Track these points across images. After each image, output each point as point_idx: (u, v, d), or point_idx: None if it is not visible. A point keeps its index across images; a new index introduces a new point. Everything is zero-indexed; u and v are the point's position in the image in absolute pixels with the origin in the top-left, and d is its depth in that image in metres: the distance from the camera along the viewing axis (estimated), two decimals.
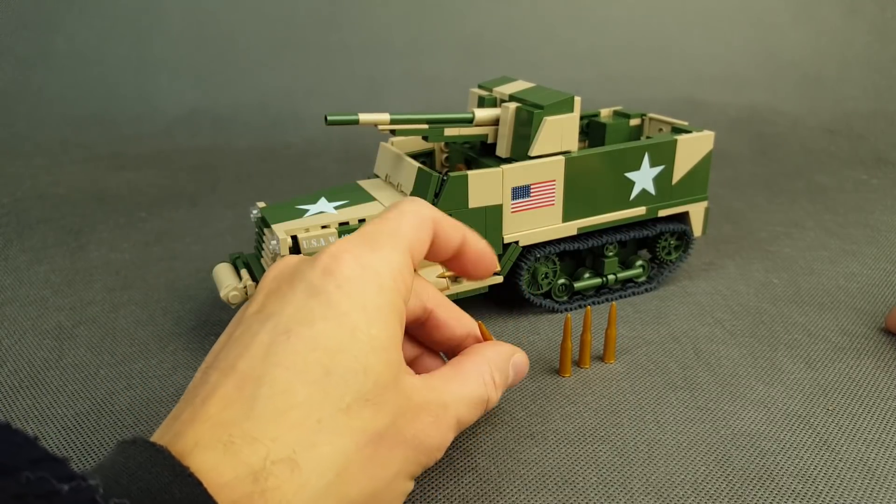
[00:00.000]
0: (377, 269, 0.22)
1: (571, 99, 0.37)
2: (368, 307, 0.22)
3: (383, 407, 0.21)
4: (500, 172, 0.36)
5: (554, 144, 0.37)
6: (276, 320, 0.21)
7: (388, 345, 0.21)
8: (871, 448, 0.28)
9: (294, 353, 0.20)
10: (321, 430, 0.19)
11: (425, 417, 0.22)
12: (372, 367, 0.21)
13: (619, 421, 0.30)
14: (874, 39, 0.91)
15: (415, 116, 0.37)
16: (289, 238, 0.34)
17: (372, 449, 0.20)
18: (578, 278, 0.41)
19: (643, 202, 0.40)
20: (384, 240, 0.23)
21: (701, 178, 0.41)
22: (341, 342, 0.21)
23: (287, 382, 0.20)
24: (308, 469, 0.19)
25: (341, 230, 0.34)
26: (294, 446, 0.19)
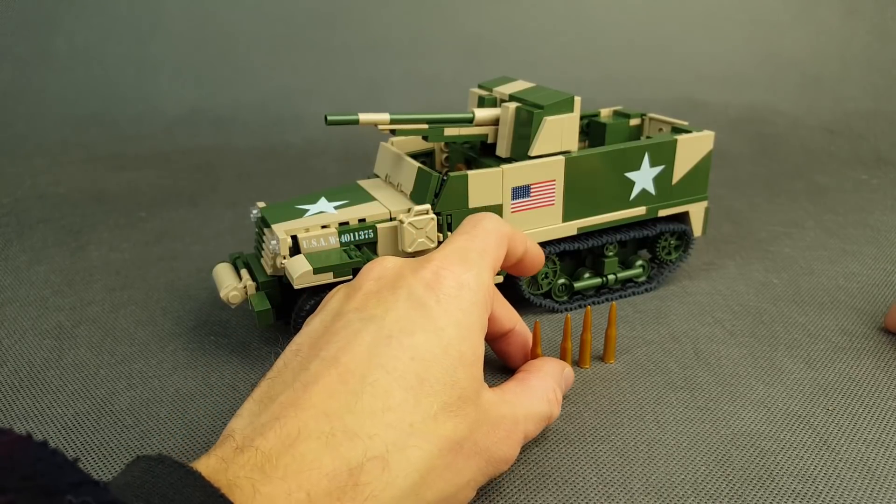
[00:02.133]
0: (472, 288, 0.24)
1: (571, 99, 0.37)
2: (462, 324, 0.23)
3: (465, 419, 0.22)
4: (500, 172, 0.36)
5: (554, 144, 0.37)
6: (380, 324, 0.23)
7: (473, 360, 0.23)
8: (871, 448, 0.28)
9: (394, 358, 0.22)
10: (412, 433, 0.21)
11: (499, 431, 0.24)
12: (459, 380, 0.22)
13: (619, 421, 0.30)
14: (874, 39, 0.91)
15: (415, 116, 0.37)
16: (289, 238, 0.34)
17: (452, 457, 0.22)
18: (578, 278, 0.41)
19: (643, 202, 0.40)
20: (476, 258, 0.26)
21: (701, 178, 0.41)
22: (436, 355, 0.22)
23: (387, 385, 0.21)
24: (397, 469, 0.20)
25: (341, 230, 0.34)
26: (388, 446, 0.20)
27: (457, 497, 0.22)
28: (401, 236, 0.34)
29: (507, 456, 0.24)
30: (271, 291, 0.35)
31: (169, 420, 0.31)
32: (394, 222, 0.35)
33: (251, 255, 0.39)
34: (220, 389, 0.33)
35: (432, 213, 0.35)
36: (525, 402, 0.26)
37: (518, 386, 0.27)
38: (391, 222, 0.35)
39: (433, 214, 0.34)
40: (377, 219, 0.35)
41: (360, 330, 0.22)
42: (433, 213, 0.35)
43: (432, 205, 0.35)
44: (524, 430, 0.25)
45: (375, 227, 0.35)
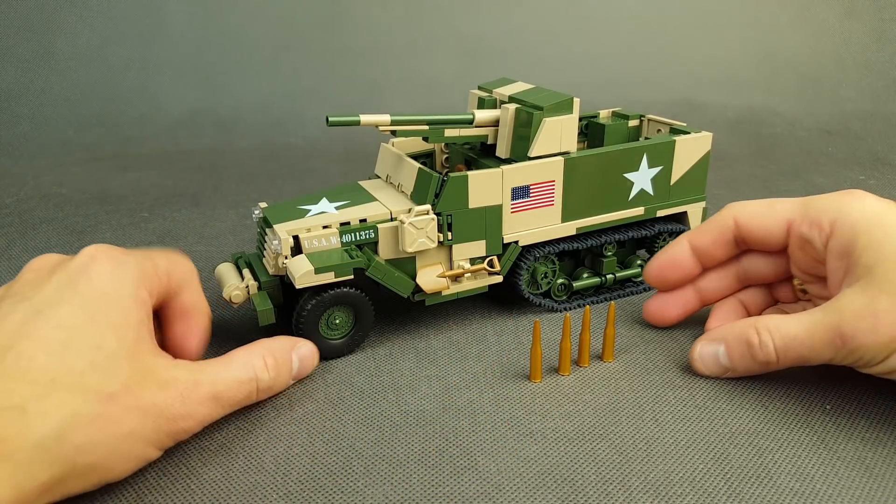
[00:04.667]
0: (124, 266, 0.27)
1: (571, 100, 0.37)
2: (111, 297, 0.26)
3: (116, 375, 0.25)
4: (500, 173, 0.36)
5: (553, 145, 0.37)
6: (31, 303, 0.25)
7: (123, 324, 0.26)
8: (868, 447, 0.29)
9: (39, 328, 0.24)
10: (53, 386, 0.23)
11: (172, 391, 0.26)
12: (106, 343, 0.25)
13: (617, 419, 0.31)
14: (872, 41, 0.91)
15: (415, 117, 0.37)
16: (290, 238, 0.34)
17: (101, 406, 0.24)
18: (577, 278, 0.41)
19: (642, 202, 0.40)
20: (127, 253, 0.28)
21: (699, 179, 0.41)
22: (82, 321, 0.25)
23: (31, 350, 0.23)
24: (34, 413, 0.22)
25: (342, 230, 0.35)
26: (26, 397, 0.23)
27: (122, 446, 0.25)
28: (401, 236, 0.34)
29: (183, 412, 0.26)
30: (273, 291, 0.36)
31: None
32: (394, 222, 0.35)
33: (253, 254, 0.39)
34: None
35: (433, 213, 0.35)
36: (216, 368, 0.28)
37: (222, 357, 0.29)
38: (392, 222, 0.35)
39: (433, 215, 0.35)
40: (378, 219, 0.35)
41: (11, 311, 0.25)
42: (433, 213, 0.35)
43: (433, 205, 0.35)
44: (210, 390, 0.27)
45: (376, 227, 0.35)
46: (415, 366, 0.35)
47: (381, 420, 0.31)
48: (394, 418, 0.31)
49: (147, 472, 0.28)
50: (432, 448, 0.29)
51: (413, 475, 0.27)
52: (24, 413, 0.22)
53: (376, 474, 0.27)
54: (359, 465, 0.28)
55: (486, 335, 0.38)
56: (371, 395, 0.33)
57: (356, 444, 0.29)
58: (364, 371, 0.35)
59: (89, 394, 0.24)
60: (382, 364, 0.35)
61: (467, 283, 0.37)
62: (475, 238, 0.36)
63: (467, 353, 0.36)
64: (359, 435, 0.30)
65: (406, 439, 0.30)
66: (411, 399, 0.32)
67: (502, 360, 0.35)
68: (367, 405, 0.32)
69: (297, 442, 0.30)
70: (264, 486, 0.27)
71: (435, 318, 0.40)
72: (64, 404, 0.23)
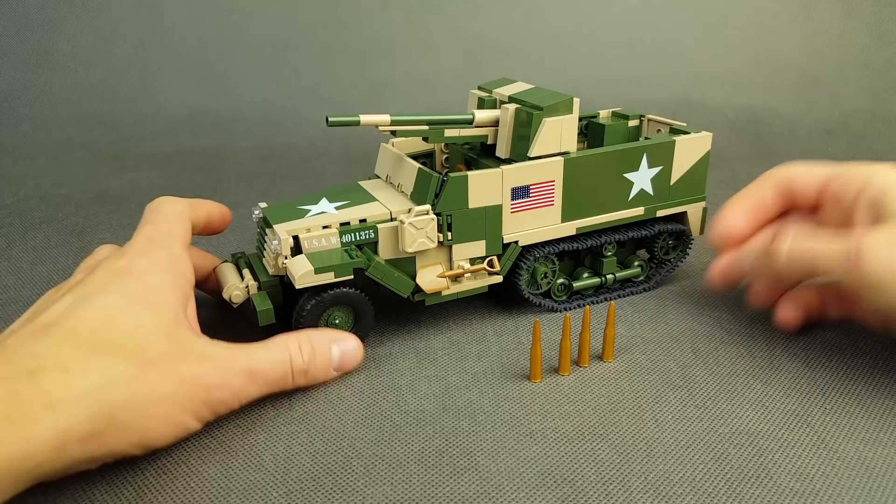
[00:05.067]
0: (162, 263, 0.30)
1: (570, 100, 0.37)
2: (151, 285, 0.29)
3: (154, 345, 0.27)
4: (499, 173, 0.36)
5: (553, 145, 0.37)
6: (80, 290, 0.28)
7: (162, 307, 0.29)
8: (868, 447, 0.29)
9: (84, 310, 0.27)
10: (94, 352, 0.26)
11: (206, 362, 0.28)
12: (145, 322, 0.28)
13: (617, 419, 0.31)
14: (872, 41, 0.91)
15: (415, 117, 0.37)
16: (290, 238, 0.34)
17: (139, 370, 0.26)
18: (577, 278, 0.41)
19: (641, 202, 0.40)
20: (164, 239, 0.32)
21: (699, 179, 0.41)
22: (123, 305, 0.28)
23: (73, 327, 0.26)
24: (76, 371, 0.25)
25: (342, 230, 0.35)
26: (69, 359, 0.25)
27: (156, 408, 0.26)
28: (401, 236, 0.35)
29: (218, 382, 0.28)
30: (273, 291, 0.36)
31: None
32: (394, 222, 0.35)
33: (253, 254, 0.39)
34: None
35: (432, 213, 0.35)
36: (253, 349, 0.30)
37: (258, 342, 0.31)
38: (392, 222, 0.35)
39: (433, 215, 0.35)
40: (378, 219, 0.35)
41: (63, 296, 0.28)
42: (433, 213, 0.35)
43: (432, 205, 0.35)
44: (245, 365, 0.29)
45: (376, 227, 0.35)
46: (415, 366, 0.35)
47: (381, 420, 0.31)
48: (394, 418, 0.31)
49: (147, 471, 0.28)
50: (432, 448, 0.29)
51: (413, 475, 0.27)
52: (67, 371, 0.25)
53: (376, 474, 0.27)
54: (359, 464, 0.28)
55: (486, 335, 0.38)
56: (371, 395, 0.33)
57: (356, 443, 0.29)
58: (364, 371, 0.35)
59: (128, 358, 0.26)
60: (382, 364, 0.35)
61: (467, 283, 0.37)
62: (475, 238, 0.36)
63: (467, 353, 0.36)
64: (359, 435, 0.30)
65: (406, 439, 0.30)
66: (411, 399, 0.32)
67: (502, 360, 0.35)
68: (367, 405, 0.32)
69: (297, 441, 0.30)
70: (264, 485, 0.27)
71: (435, 318, 0.40)
72: (104, 365, 0.25)
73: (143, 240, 0.32)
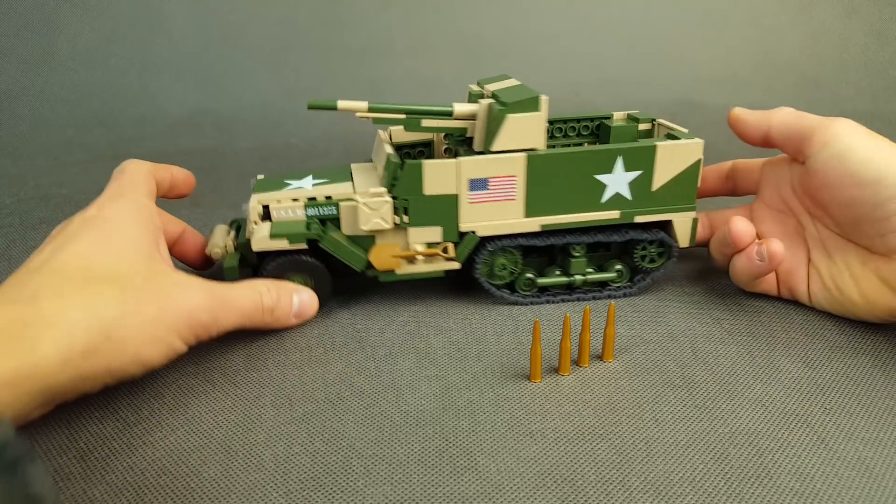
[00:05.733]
0: (128, 206, 0.34)
1: (536, 98, 0.37)
2: (122, 225, 0.32)
3: (136, 275, 0.30)
4: (455, 164, 0.37)
5: (516, 141, 0.37)
6: (55, 243, 0.31)
7: (136, 241, 0.32)
8: (868, 447, 0.29)
9: (65, 254, 0.30)
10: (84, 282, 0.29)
11: (187, 288, 0.32)
12: (124, 254, 0.31)
13: (617, 419, 0.31)
14: (872, 41, 0.91)
15: (394, 106, 0.38)
16: (259, 206, 0.38)
17: (126, 294, 0.29)
18: (546, 275, 0.41)
19: (617, 206, 0.39)
20: (129, 190, 0.35)
21: (687, 188, 0.40)
22: (101, 244, 0.31)
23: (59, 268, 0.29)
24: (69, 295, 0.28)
25: (308, 204, 0.38)
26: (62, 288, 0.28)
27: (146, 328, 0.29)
28: (357, 215, 0.37)
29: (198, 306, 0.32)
30: (247, 252, 0.39)
31: (170, 416, 0.31)
32: (353, 202, 0.37)
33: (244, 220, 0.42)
34: (222, 386, 0.34)
35: (389, 196, 0.37)
36: (228, 285, 0.34)
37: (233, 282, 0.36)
38: (352, 202, 0.38)
39: (389, 198, 0.37)
40: (342, 197, 0.38)
41: (40, 252, 0.31)
42: (391, 196, 0.37)
43: (390, 189, 0.37)
44: (221, 294, 0.33)
45: (338, 204, 0.38)
46: (415, 366, 0.35)
47: (381, 420, 0.31)
48: (394, 418, 0.31)
49: (147, 470, 0.28)
50: (432, 448, 0.29)
51: (413, 475, 0.27)
52: (62, 296, 0.28)
53: (376, 474, 0.27)
54: (359, 464, 0.28)
55: (486, 335, 0.38)
56: (371, 395, 0.33)
57: (356, 443, 0.29)
58: (364, 371, 0.35)
59: (116, 285, 0.29)
60: (382, 364, 0.35)
61: (422, 266, 0.39)
62: (431, 224, 0.38)
63: (467, 353, 0.36)
64: (359, 435, 0.30)
65: (406, 439, 0.30)
66: (411, 399, 0.32)
67: (502, 360, 0.35)
68: (367, 405, 0.32)
69: (296, 441, 0.30)
70: (264, 485, 0.27)
71: (435, 319, 0.40)
72: (95, 291, 0.29)
73: (110, 192, 0.35)
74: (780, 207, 0.42)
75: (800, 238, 0.41)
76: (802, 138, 0.38)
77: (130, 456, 0.29)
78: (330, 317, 0.40)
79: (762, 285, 0.41)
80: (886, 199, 0.34)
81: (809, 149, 0.38)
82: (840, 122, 0.37)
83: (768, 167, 0.43)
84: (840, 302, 0.38)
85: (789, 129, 0.39)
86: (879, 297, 0.36)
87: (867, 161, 0.35)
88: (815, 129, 0.38)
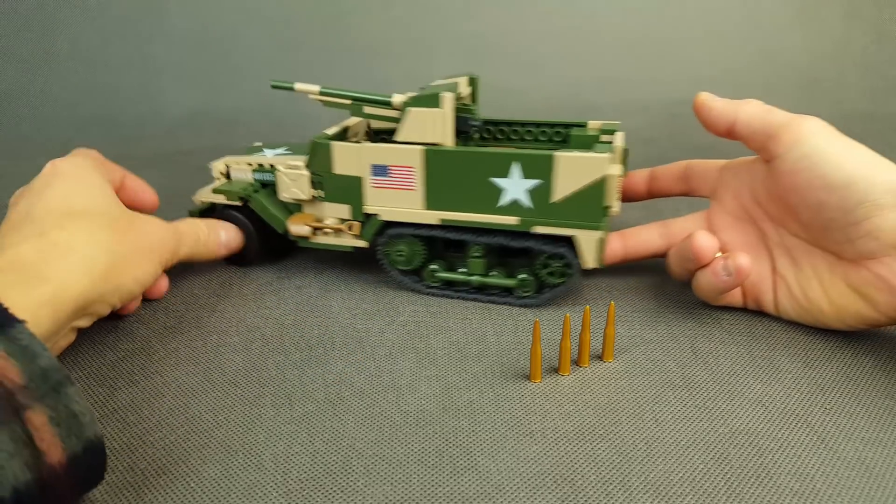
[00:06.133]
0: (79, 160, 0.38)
1: (437, 96, 0.38)
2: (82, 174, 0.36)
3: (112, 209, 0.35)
4: (357, 148, 0.39)
5: (419, 135, 0.39)
6: (27, 199, 0.34)
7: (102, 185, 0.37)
8: (868, 447, 0.29)
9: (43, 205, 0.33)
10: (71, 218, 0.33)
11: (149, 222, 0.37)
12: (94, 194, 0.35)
13: (617, 419, 0.31)
14: (872, 42, 0.91)
15: (341, 92, 0.41)
16: (224, 166, 0.45)
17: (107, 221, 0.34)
18: (453, 270, 0.42)
19: (516, 213, 0.38)
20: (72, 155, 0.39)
21: (592, 204, 0.37)
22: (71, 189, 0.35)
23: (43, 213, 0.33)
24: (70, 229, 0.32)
25: (255, 170, 0.45)
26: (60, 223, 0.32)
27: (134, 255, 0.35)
28: (278, 183, 0.42)
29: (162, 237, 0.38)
30: None
31: (171, 416, 0.31)
32: None
33: None
34: (222, 386, 0.34)
35: (306, 170, 0.41)
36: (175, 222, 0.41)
37: None
38: None
39: (306, 171, 0.41)
40: (279, 167, 0.42)
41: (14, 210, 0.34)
42: (308, 170, 0.41)
43: (308, 164, 0.41)
44: (173, 227, 0.40)
45: (275, 172, 0.43)
46: (415, 366, 0.35)
47: (381, 420, 0.31)
48: (394, 418, 0.31)
49: (147, 470, 0.28)
50: (432, 448, 0.29)
51: (413, 475, 0.27)
52: (64, 228, 0.32)
53: (376, 474, 0.27)
54: (359, 464, 0.28)
55: (486, 335, 0.38)
56: (371, 395, 0.33)
57: (356, 443, 0.29)
58: (364, 371, 0.35)
59: (99, 219, 0.34)
60: (382, 364, 0.35)
61: (331, 238, 0.43)
62: (341, 201, 0.41)
63: (467, 353, 0.36)
64: (359, 435, 0.30)
65: (406, 439, 0.30)
66: (411, 399, 0.32)
67: (502, 360, 0.35)
68: (367, 405, 0.32)
69: (297, 441, 0.30)
70: (264, 485, 0.27)
71: (435, 319, 0.40)
72: (90, 223, 0.33)
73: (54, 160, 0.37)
74: (740, 214, 0.40)
75: (763, 246, 0.39)
76: (770, 135, 0.37)
77: (130, 456, 0.29)
78: (330, 317, 0.40)
79: (727, 298, 0.39)
80: (856, 204, 0.33)
81: (777, 147, 0.36)
82: (809, 121, 0.36)
83: (727, 171, 0.41)
84: (808, 311, 0.36)
85: (757, 124, 0.37)
86: (849, 305, 0.35)
87: (837, 163, 0.34)
88: (783, 127, 0.36)
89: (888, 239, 0.33)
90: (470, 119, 0.44)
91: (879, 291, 0.33)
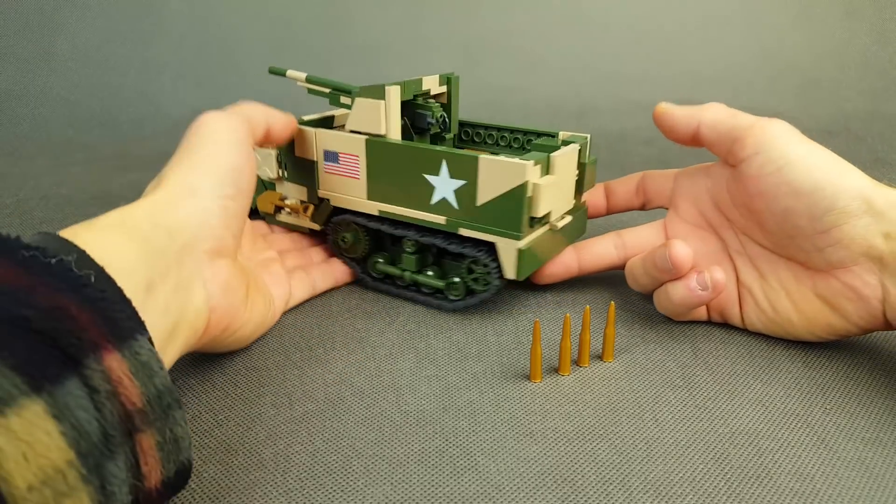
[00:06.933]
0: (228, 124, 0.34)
1: (381, 88, 0.39)
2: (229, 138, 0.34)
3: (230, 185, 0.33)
4: (313, 133, 0.41)
5: (365, 125, 0.40)
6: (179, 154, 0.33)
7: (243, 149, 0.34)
8: (868, 447, 0.29)
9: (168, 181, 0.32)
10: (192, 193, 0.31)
11: None
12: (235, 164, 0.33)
13: (617, 419, 0.31)
14: (872, 41, 0.91)
15: (323, 80, 0.43)
16: None
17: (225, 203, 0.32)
18: (395, 264, 0.42)
19: (444, 212, 0.38)
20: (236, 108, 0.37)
21: (511, 212, 0.36)
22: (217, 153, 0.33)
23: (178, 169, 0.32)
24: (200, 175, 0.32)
25: None
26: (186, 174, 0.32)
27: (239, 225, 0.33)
28: None
29: None
30: None
31: None
32: None
33: None
34: (222, 386, 0.34)
35: (272, 150, 0.43)
36: None
37: None
38: None
39: (273, 151, 0.43)
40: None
41: None
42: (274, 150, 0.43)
43: None
44: None
45: None
46: (415, 366, 0.35)
47: (381, 420, 0.31)
48: (394, 418, 0.31)
49: None
50: (432, 448, 0.29)
51: (413, 475, 0.27)
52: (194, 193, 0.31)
53: (376, 474, 0.27)
54: (359, 464, 0.28)
55: (486, 335, 0.38)
56: (371, 395, 0.33)
57: (356, 443, 0.29)
58: (364, 371, 0.35)
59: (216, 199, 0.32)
60: (382, 364, 0.35)
61: (290, 218, 0.45)
62: (300, 183, 0.43)
63: (467, 353, 0.36)
64: (359, 435, 0.30)
65: (406, 439, 0.30)
66: (411, 399, 0.32)
67: (502, 360, 0.35)
68: (367, 405, 0.32)
69: (296, 440, 0.30)
70: (264, 484, 0.27)
71: (435, 319, 0.40)
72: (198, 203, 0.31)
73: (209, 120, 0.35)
74: (699, 222, 0.39)
75: (725, 255, 0.38)
76: (734, 139, 0.35)
77: None
78: (330, 317, 0.40)
79: (693, 313, 0.38)
80: (824, 212, 0.32)
81: (742, 151, 0.35)
82: (775, 124, 0.35)
83: (683, 178, 0.40)
84: (777, 322, 0.35)
85: (721, 128, 0.36)
86: (818, 315, 0.34)
87: (803, 168, 0.33)
88: (748, 130, 0.35)
89: (857, 248, 0.32)
90: (427, 117, 0.44)
91: (850, 301, 0.32)
